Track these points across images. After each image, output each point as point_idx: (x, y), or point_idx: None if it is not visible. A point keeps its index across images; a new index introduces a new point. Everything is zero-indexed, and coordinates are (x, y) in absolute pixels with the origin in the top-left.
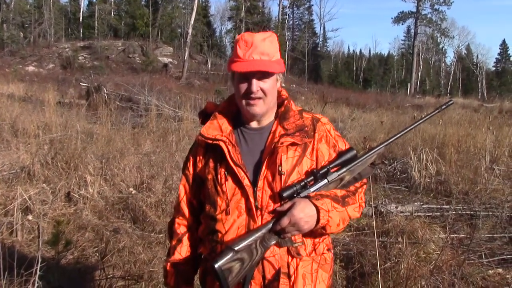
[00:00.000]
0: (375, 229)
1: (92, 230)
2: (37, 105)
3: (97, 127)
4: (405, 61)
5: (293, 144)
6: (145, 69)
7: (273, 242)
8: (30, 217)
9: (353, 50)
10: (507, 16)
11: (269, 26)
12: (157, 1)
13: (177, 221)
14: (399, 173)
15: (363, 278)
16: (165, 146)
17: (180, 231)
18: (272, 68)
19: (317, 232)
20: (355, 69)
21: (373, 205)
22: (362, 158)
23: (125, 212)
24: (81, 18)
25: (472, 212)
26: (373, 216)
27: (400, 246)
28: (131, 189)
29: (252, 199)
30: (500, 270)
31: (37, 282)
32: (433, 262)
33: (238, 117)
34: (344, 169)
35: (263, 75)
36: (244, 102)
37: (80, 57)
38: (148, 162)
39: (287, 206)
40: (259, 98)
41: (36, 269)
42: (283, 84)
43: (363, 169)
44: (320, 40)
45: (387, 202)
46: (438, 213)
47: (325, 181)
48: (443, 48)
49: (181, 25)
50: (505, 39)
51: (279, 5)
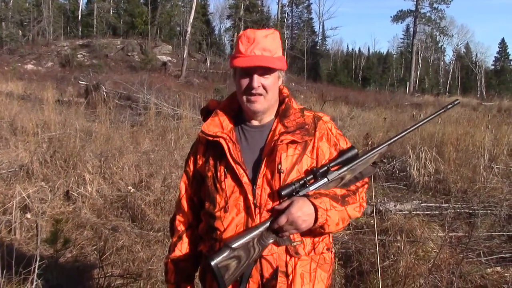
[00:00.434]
0: (375, 227)
1: (90, 229)
2: (36, 103)
3: (96, 126)
4: (404, 59)
5: (293, 142)
6: (144, 68)
7: (271, 241)
8: (28, 215)
9: (352, 49)
10: (506, 14)
11: (268, 24)
12: None
13: (177, 218)
14: (398, 171)
15: (361, 277)
16: (164, 144)
17: (180, 228)
18: (273, 64)
19: (316, 231)
20: (354, 67)
21: (373, 204)
22: (363, 157)
23: (124, 211)
24: (80, 16)
25: (470, 211)
26: (373, 214)
27: (398, 244)
28: (129, 187)
29: (250, 197)
30: (498, 269)
31: (36, 280)
32: (432, 261)
33: (239, 115)
34: (345, 168)
35: (265, 71)
36: (245, 98)
37: (79, 55)
38: (147, 160)
39: (285, 204)
40: (259, 94)
41: (34, 267)
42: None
43: (365, 168)
44: (319, 38)
45: (386, 201)
46: (437, 212)
47: (325, 180)
48: (442, 47)
49: (180, 24)
50: (504, 37)
51: (278, 4)
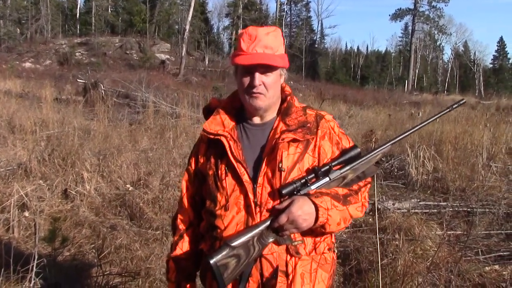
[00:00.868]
0: (377, 225)
1: (89, 227)
2: (34, 101)
3: (94, 124)
4: (402, 58)
5: (294, 140)
6: (142, 66)
7: (271, 240)
8: (26, 213)
9: (350, 47)
10: (504, 13)
11: (266, 22)
12: None
13: (179, 216)
14: (396, 170)
15: (360, 275)
16: (162, 142)
17: (182, 226)
18: (275, 62)
19: (317, 230)
20: (352, 66)
21: (372, 202)
22: (366, 157)
23: (122, 209)
24: (78, 14)
25: (469, 209)
26: (371, 213)
27: (397, 243)
28: (128, 185)
29: (251, 196)
30: (496, 267)
31: (34, 279)
32: (430, 259)
33: (241, 113)
34: (347, 167)
35: (266, 69)
36: (246, 96)
37: (77, 54)
38: (145, 158)
39: (285, 203)
40: (261, 92)
41: (32, 266)
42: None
43: (367, 168)
44: (318, 37)
45: (384, 199)
46: (435, 210)
47: (326, 179)
48: (441, 45)
49: (178, 22)
50: (502, 36)
51: (276, 2)
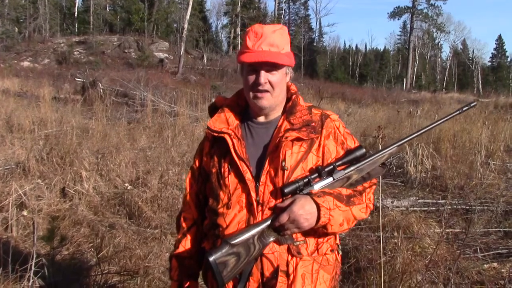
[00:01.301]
0: (381, 223)
1: (87, 226)
2: (32, 100)
3: (92, 123)
4: (401, 56)
5: (298, 139)
6: (140, 64)
7: (271, 239)
8: (25, 212)
9: (349, 45)
10: (503, 11)
11: (265, 21)
12: None
13: (183, 215)
14: (395, 168)
15: (359, 273)
16: (160, 141)
17: (185, 224)
18: (281, 60)
19: (319, 231)
20: (351, 64)
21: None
22: (371, 158)
23: (121, 208)
24: (76, 13)
25: (467, 207)
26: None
27: (395, 241)
28: (126, 184)
29: (253, 194)
30: (495, 264)
31: (32, 278)
32: (429, 257)
33: (246, 111)
34: (352, 167)
35: (272, 67)
36: (251, 94)
37: (75, 52)
38: (144, 157)
39: (287, 202)
40: (266, 90)
41: (31, 265)
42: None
43: (373, 168)
44: (316, 35)
45: (383, 197)
46: (434, 208)
47: (330, 179)
48: (439, 43)
49: (176, 20)
50: (501, 34)
51: (275, 0)
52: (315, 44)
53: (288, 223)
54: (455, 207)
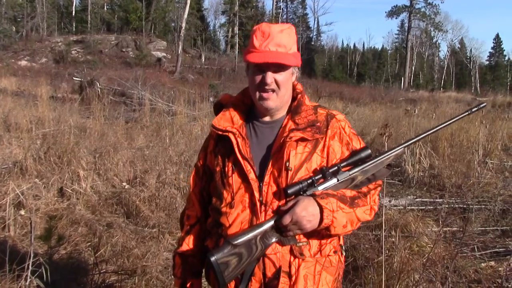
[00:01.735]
0: (383, 222)
1: (85, 225)
2: (29, 99)
3: (90, 122)
4: (398, 55)
5: (303, 139)
6: (138, 64)
7: (274, 240)
8: (22, 212)
9: (347, 44)
10: (500, 10)
11: (263, 20)
12: None
13: (187, 212)
14: (392, 167)
15: (356, 272)
16: (158, 140)
17: (189, 222)
18: (288, 60)
19: (322, 232)
20: (349, 63)
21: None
22: (377, 159)
23: (118, 207)
24: (73, 12)
25: (465, 206)
26: None
27: (393, 239)
28: (124, 183)
29: (256, 194)
30: (492, 263)
31: (30, 277)
32: (426, 256)
33: (251, 110)
34: (356, 169)
35: (278, 67)
36: (257, 94)
37: (73, 51)
38: (142, 156)
39: (290, 203)
40: (272, 90)
41: (28, 264)
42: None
43: (378, 170)
44: (314, 34)
45: (380, 196)
46: (431, 207)
47: (334, 180)
48: (437, 42)
49: (174, 19)
50: (498, 33)
51: None
52: (313, 43)
53: (290, 225)
54: (452, 206)
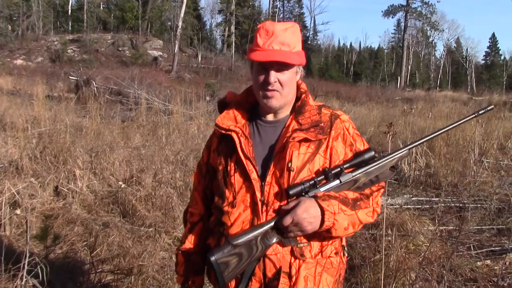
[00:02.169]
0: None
1: (81, 224)
2: (25, 98)
3: (86, 121)
4: (395, 54)
5: (306, 140)
6: (135, 63)
7: (274, 240)
8: (18, 211)
9: (343, 44)
10: (496, 9)
11: (259, 19)
12: None
13: (190, 210)
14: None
15: (353, 271)
16: (155, 139)
17: (192, 220)
18: (291, 59)
19: (323, 234)
20: (345, 62)
21: None
22: (380, 161)
23: (115, 206)
24: (69, 11)
25: (461, 205)
26: None
27: (389, 238)
28: (120, 183)
29: (258, 194)
30: (488, 262)
31: (25, 277)
32: (422, 254)
33: (255, 109)
34: (360, 170)
35: (282, 66)
36: (261, 93)
37: (69, 50)
38: (138, 156)
39: (292, 204)
40: (276, 90)
41: (24, 264)
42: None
43: (382, 172)
44: (311, 33)
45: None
46: (428, 206)
47: (337, 181)
48: (433, 42)
49: (171, 18)
50: (494, 32)
51: None
52: (309, 42)
53: (291, 226)
54: (448, 204)
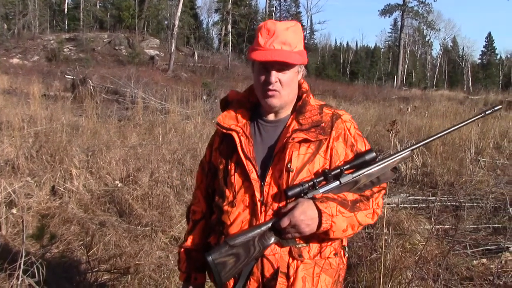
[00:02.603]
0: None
1: (77, 224)
2: (21, 97)
3: (82, 120)
4: (391, 53)
5: (306, 140)
6: (131, 62)
7: (272, 241)
8: (14, 210)
9: (340, 43)
10: (492, 9)
11: (256, 18)
12: None
13: (192, 207)
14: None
15: (349, 270)
16: (151, 139)
17: (194, 218)
18: (292, 59)
19: (322, 235)
20: (342, 61)
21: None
22: (381, 162)
23: (111, 205)
24: (66, 10)
25: (457, 203)
26: None
27: (386, 237)
28: (117, 182)
29: (257, 194)
30: (484, 260)
31: (21, 276)
32: (419, 253)
33: (257, 108)
34: (360, 172)
35: (283, 66)
36: (261, 93)
37: (65, 49)
38: (134, 155)
39: (290, 206)
40: (276, 90)
41: (20, 263)
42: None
43: (383, 173)
44: (307, 32)
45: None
46: (424, 205)
47: (336, 182)
48: (429, 41)
49: (167, 17)
50: (490, 31)
51: None
52: (306, 41)
53: (289, 228)
54: (445, 203)
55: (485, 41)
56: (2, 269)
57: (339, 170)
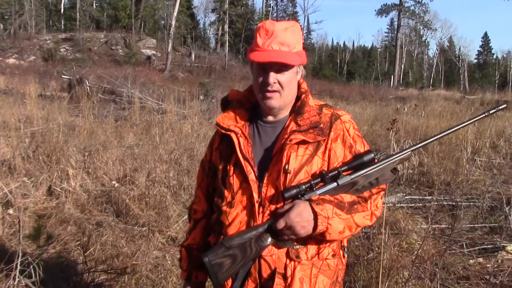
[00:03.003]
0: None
1: (74, 224)
2: (18, 98)
3: (79, 120)
4: (388, 53)
5: (304, 141)
6: (128, 61)
7: (268, 242)
8: (11, 211)
9: (336, 43)
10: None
11: (253, 18)
12: None
13: (194, 206)
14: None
15: (346, 269)
16: (148, 139)
17: (196, 217)
18: (291, 60)
19: (319, 237)
20: (338, 61)
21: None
22: (380, 163)
23: (108, 206)
24: (62, 10)
25: (453, 203)
26: None
27: (382, 237)
28: (114, 182)
29: (255, 195)
30: (480, 260)
31: (18, 277)
32: (415, 253)
33: (256, 109)
34: (358, 173)
35: (282, 67)
36: (260, 94)
37: (61, 49)
38: (131, 155)
39: (286, 207)
40: (275, 91)
41: (16, 264)
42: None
43: (382, 174)
44: (304, 32)
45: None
46: (421, 204)
47: (334, 184)
48: (426, 41)
49: (164, 17)
50: (486, 31)
51: None
52: (303, 41)
53: (284, 229)
54: (441, 203)
55: (482, 41)
56: None
57: (336, 172)
